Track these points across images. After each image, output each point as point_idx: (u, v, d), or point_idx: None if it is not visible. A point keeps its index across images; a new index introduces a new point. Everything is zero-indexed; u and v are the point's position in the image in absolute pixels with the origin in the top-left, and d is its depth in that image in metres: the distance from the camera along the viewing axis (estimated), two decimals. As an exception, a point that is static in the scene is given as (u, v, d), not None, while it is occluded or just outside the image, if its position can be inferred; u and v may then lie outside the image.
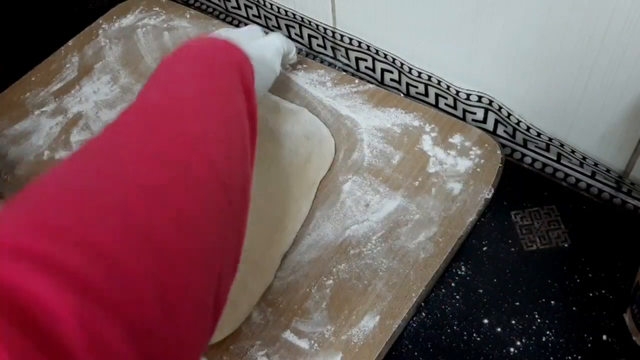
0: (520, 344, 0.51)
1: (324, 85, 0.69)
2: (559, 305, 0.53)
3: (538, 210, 0.59)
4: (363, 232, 0.57)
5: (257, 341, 0.52)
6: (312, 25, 0.73)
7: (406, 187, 0.60)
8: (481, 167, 0.60)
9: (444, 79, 0.66)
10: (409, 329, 0.53)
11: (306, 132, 0.64)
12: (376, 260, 0.55)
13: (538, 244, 0.57)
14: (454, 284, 0.55)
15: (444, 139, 0.63)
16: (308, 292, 0.54)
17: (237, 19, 0.83)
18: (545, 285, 0.54)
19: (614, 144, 0.57)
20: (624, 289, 0.53)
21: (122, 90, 0.72)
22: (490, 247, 0.57)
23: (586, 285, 0.54)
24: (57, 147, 0.68)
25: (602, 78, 0.53)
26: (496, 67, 0.60)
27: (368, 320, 0.52)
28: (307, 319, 0.53)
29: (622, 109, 0.54)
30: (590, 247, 0.56)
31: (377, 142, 0.63)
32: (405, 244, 0.56)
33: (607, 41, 0.50)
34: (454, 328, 0.53)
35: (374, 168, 0.62)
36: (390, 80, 0.71)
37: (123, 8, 0.81)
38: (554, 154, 0.62)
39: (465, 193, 0.59)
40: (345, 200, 0.60)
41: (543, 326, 0.52)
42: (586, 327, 0.51)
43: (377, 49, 0.69)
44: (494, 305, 0.53)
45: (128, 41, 0.77)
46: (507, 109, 0.62)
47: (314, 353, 0.51)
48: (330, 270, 0.55)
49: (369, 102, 0.67)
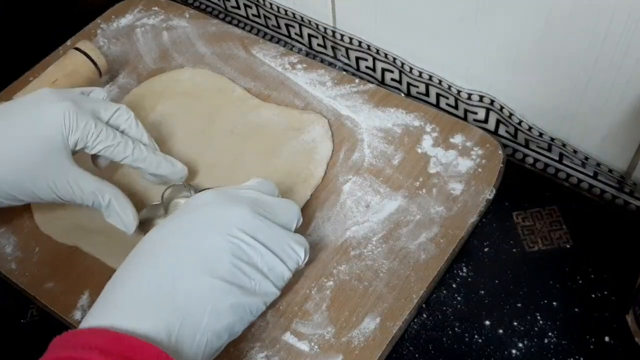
0: (522, 346, 0.51)
1: (324, 85, 0.69)
2: (560, 306, 0.53)
3: (540, 210, 0.59)
4: (363, 233, 0.57)
5: (257, 343, 0.52)
6: (312, 24, 0.73)
7: (407, 188, 0.59)
8: (482, 168, 0.60)
9: (445, 79, 0.65)
10: (410, 330, 0.53)
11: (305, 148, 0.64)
12: (377, 262, 0.55)
13: (540, 244, 0.56)
14: (455, 285, 0.55)
15: (445, 139, 0.62)
16: (308, 294, 0.54)
17: (237, 19, 0.82)
18: (547, 287, 0.54)
19: (616, 144, 0.57)
20: (626, 290, 0.52)
21: (121, 90, 0.72)
22: (491, 248, 0.57)
23: (588, 286, 0.53)
24: (55, 148, 0.67)
25: (603, 77, 0.53)
26: (498, 67, 0.60)
27: (369, 322, 0.52)
28: (307, 321, 0.52)
29: (624, 108, 0.54)
30: (592, 248, 0.55)
31: (377, 142, 0.63)
32: (406, 245, 0.56)
33: (608, 41, 0.50)
34: (455, 329, 0.52)
35: (374, 168, 0.61)
36: (391, 80, 0.71)
37: (121, 8, 0.81)
38: (555, 154, 0.61)
39: (466, 193, 0.58)
40: (346, 201, 0.59)
41: (545, 327, 0.51)
42: (588, 328, 0.51)
43: (378, 48, 0.69)
44: (495, 307, 0.53)
45: (127, 41, 0.77)
46: (509, 109, 0.62)
47: (314, 355, 0.50)
48: (331, 272, 0.55)
49: (369, 102, 0.67)
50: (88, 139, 0.53)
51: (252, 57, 0.73)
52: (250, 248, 0.45)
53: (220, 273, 0.44)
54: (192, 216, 0.47)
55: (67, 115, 0.52)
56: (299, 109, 0.67)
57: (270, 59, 0.72)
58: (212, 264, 0.44)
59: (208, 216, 0.47)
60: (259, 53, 0.73)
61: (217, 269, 0.44)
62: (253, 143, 0.64)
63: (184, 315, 0.42)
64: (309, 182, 0.61)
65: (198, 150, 0.64)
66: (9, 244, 0.59)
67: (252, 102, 0.68)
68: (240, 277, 0.45)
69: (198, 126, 0.66)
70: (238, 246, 0.45)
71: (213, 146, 0.64)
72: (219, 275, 0.44)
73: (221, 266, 0.44)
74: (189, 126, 0.67)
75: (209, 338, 0.43)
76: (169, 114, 0.68)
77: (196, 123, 0.67)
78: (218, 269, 0.44)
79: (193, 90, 0.70)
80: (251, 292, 0.45)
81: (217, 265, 0.44)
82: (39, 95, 0.54)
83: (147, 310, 0.41)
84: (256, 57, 0.73)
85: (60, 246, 0.59)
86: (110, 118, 0.56)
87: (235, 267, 0.44)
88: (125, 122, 0.56)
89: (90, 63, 0.68)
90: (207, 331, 0.42)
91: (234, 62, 0.73)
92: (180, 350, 0.41)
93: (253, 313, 0.46)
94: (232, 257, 0.45)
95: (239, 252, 0.45)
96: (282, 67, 0.71)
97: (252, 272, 0.45)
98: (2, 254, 0.59)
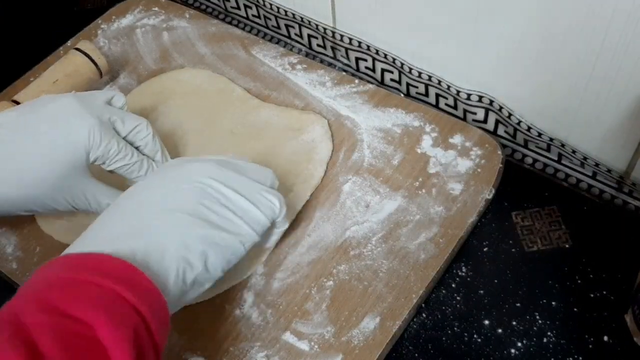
0: (521, 345, 0.51)
1: (324, 86, 0.69)
2: (559, 306, 0.53)
3: (539, 210, 0.59)
4: (363, 232, 0.57)
5: (257, 342, 0.52)
6: (312, 25, 0.73)
7: (406, 188, 0.60)
8: (482, 168, 0.60)
9: (445, 79, 0.65)
10: (410, 330, 0.53)
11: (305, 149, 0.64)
12: (376, 261, 0.55)
13: (539, 244, 0.56)
14: (455, 285, 0.55)
15: (444, 139, 0.63)
16: (308, 293, 0.54)
17: (237, 19, 0.83)
18: (546, 286, 0.54)
19: (615, 144, 0.57)
20: (625, 290, 0.53)
21: (121, 90, 0.72)
22: (490, 247, 0.57)
23: (587, 286, 0.53)
24: (56, 148, 0.68)
25: (603, 78, 0.53)
26: (497, 67, 0.60)
27: (368, 322, 0.52)
28: (307, 320, 0.53)
29: (623, 109, 0.54)
30: (591, 248, 0.56)
31: (377, 143, 0.63)
32: (405, 245, 0.56)
33: (608, 41, 0.50)
34: (454, 329, 0.52)
35: (374, 168, 0.61)
36: (391, 80, 0.71)
37: (122, 8, 0.81)
38: (554, 154, 0.62)
39: (465, 193, 0.59)
40: (346, 201, 0.59)
41: (544, 327, 0.52)
42: (587, 328, 0.51)
43: (377, 49, 0.69)
44: (494, 306, 0.53)
45: (127, 41, 0.77)
46: (508, 109, 0.62)
47: (314, 354, 0.51)
48: (331, 271, 0.55)
49: (369, 102, 0.67)
50: (108, 157, 0.53)
51: (252, 58, 0.73)
52: (217, 192, 0.47)
53: (187, 209, 0.45)
54: (161, 174, 0.49)
55: (92, 132, 0.52)
56: (298, 109, 0.67)
57: (270, 59, 0.72)
58: (178, 203, 0.45)
59: (176, 171, 0.49)
60: (259, 53, 0.73)
61: (184, 206, 0.45)
62: (253, 143, 0.64)
63: (150, 242, 0.43)
64: (308, 182, 0.61)
65: (198, 151, 0.64)
66: (9, 244, 0.60)
67: (252, 102, 0.68)
68: (209, 214, 0.46)
69: (198, 126, 0.67)
70: (204, 190, 0.46)
71: (213, 146, 0.64)
72: (184, 210, 0.45)
73: (188, 205, 0.45)
74: (189, 126, 0.67)
75: (180, 265, 0.43)
76: (169, 114, 0.68)
77: (196, 123, 0.67)
78: (184, 207, 0.45)
79: (193, 91, 0.70)
80: (222, 229, 0.46)
81: (184, 204, 0.45)
82: (65, 106, 0.53)
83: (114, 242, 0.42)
84: (256, 57, 0.73)
85: (62, 246, 0.59)
86: (129, 133, 0.55)
87: (203, 206, 0.46)
88: (142, 139, 0.56)
89: (91, 63, 0.68)
90: (175, 257, 0.43)
91: (234, 62, 0.73)
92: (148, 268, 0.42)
93: (229, 250, 0.46)
94: (199, 197, 0.46)
95: (206, 194, 0.46)
96: (282, 67, 0.71)
97: (222, 210, 0.46)
98: (3, 254, 0.59)
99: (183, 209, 0.45)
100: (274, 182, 0.52)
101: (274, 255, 0.57)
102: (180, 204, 0.45)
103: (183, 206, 0.45)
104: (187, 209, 0.45)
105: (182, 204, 0.45)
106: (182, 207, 0.45)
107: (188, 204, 0.45)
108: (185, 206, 0.45)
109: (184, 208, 0.45)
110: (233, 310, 0.54)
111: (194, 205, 0.45)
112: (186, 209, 0.45)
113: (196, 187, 0.47)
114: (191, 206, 0.45)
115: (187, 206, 0.45)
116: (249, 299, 0.54)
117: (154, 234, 0.44)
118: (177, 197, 0.46)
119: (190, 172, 0.48)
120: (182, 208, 0.45)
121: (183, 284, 0.43)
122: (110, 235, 0.44)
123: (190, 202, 0.46)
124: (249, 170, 0.51)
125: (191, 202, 0.46)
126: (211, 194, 0.47)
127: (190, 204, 0.45)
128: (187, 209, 0.45)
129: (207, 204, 0.46)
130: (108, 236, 0.44)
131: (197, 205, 0.46)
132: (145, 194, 0.47)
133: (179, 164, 0.50)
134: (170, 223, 0.44)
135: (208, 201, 0.46)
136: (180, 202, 0.45)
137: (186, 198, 0.46)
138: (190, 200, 0.46)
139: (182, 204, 0.45)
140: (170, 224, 0.44)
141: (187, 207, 0.45)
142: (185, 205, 0.45)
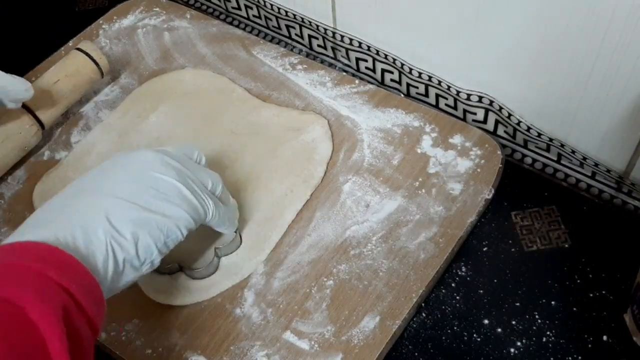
0: (521, 345, 0.51)
1: (324, 86, 0.69)
2: (559, 305, 0.53)
3: (538, 210, 0.59)
4: (363, 232, 0.57)
5: (257, 342, 0.52)
6: (313, 25, 0.73)
7: (406, 188, 0.60)
8: (481, 168, 0.60)
9: (445, 80, 0.66)
10: (409, 329, 0.53)
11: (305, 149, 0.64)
12: (376, 261, 0.55)
13: (538, 244, 0.57)
14: (454, 285, 0.55)
15: (444, 140, 0.63)
16: (308, 293, 0.54)
17: (238, 20, 0.83)
18: (546, 286, 0.54)
19: (615, 145, 0.57)
20: (625, 290, 0.53)
21: (123, 90, 0.72)
22: (490, 247, 0.57)
23: (586, 285, 0.54)
24: (57, 148, 0.68)
25: (602, 78, 0.53)
26: (497, 68, 0.60)
27: (368, 321, 0.52)
28: (307, 320, 0.53)
29: (622, 109, 0.54)
30: (590, 248, 0.56)
31: (377, 143, 0.63)
32: (405, 245, 0.56)
33: (607, 41, 0.50)
34: (454, 328, 0.53)
35: (374, 168, 0.62)
36: (391, 80, 0.71)
37: (123, 8, 0.81)
38: (554, 154, 0.62)
39: (465, 193, 0.59)
40: (346, 201, 0.60)
41: (543, 327, 0.52)
42: (586, 327, 0.51)
43: (378, 49, 0.69)
44: (494, 306, 0.53)
45: (128, 41, 0.77)
46: (508, 110, 0.62)
47: (315, 354, 0.51)
48: (331, 271, 0.55)
49: (369, 102, 0.67)
50: None
51: (253, 58, 0.73)
52: (154, 179, 0.48)
53: (121, 194, 0.46)
54: (105, 163, 0.51)
55: None
56: (299, 109, 0.67)
57: (270, 59, 0.73)
58: (114, 188, 0.47)
59: (120, 158, 0.50)
60: (259, 54, 0.73)
61: (118, 192, 0.47)
62: (253, 143, 0.65)
63: (77, 226, 0.44)
64: (308, 182, 0.61)
65: (199, 151, 0.64)
66: (11, 244, 0.60)
67: (252, 102, 0.68)
68: (145, 198, 0.47)
69: (199, 126, 0.67)
70: (142, 175, 0.48)
71: (213, 146, 0.65)
72: (118, 195, 0.46)
73: (123, 190, 0.47)
74: (189, 126, 0.67)
75: (109, 246, 0.44)
76: (170, 114, 0.68)
77: (197, 123, 0.67)
78: (119, 192, 0.47)
79: (194, 91, 0.70)
80: (156, 212, 0.47)
81: (120, 190, 0.47)
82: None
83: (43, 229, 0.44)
84: (257, 57, 0.73)
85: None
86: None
87: (139, 190, 0.47)
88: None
89: (92, 64, 0.68)
90: (103, 239, 0.44)
91: (235, 62, 0.73)
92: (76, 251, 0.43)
93: (164, 232, 0.47)
94: (137, 182, 0.48)
95: (143, 179, 0.48)
96: (283, 67, 0.72)
97: (157, 194, 0.47)
98: (5, 253, 0.59)
99: (117, 194, 0.47)
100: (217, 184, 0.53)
101: (275, 254, 0.57)
102: (116, 189, 0.47)
103: (118, 191, 0.47)
104: (121, 194, 0.47)
105: (118, 189, 0.47)
106: (117, 192, 0.47)
107: (124, 190, 0.47)
108: (120, 191, 0.47)
109: (119, 193, 0.47)
110: (233, 310, 0.54)
111: (130, 189, 0.47)
112: (121, 194, 0.47)
113: (135, 173, 0.48)
114: (127, 191, 0.47)
115: (123, 191, 0.47)
116: (249, 298, 0.55)
117: (81, 219, 0.45)
118: (114, 183, 0.48)
119: (133, 160, 0.50)
120: (116, 193, 0.47)
121: (115, 264, 0.45)
122: (40, 223, 0.45)
123: (125, 187, 0.47)
124: (192, 165, 0.52)
125: (127, 187, 0.47)
126: (149, 180, 0.48)
127: (126, 189, 0.47)
128: (122, 194, 0.47)
129: (143, 188, 0.48)
130: (38, 224, 0.45)
131: (133, 189, 0.47)
132: (84, 182, 0.49)
133: (125, 153, 0.52)
134: (100, 207, 0.46)
135: (145, 186, 0.48)
136: (116, 188, 0.47)
137: (122, 183, 0.48)
138: (126, 186, 0.47)
139: (118, 189, 0.47)
140: (99, 207, 0.46)
141: (122, 192, 0.47)
142: (120, 190, 0.47)
